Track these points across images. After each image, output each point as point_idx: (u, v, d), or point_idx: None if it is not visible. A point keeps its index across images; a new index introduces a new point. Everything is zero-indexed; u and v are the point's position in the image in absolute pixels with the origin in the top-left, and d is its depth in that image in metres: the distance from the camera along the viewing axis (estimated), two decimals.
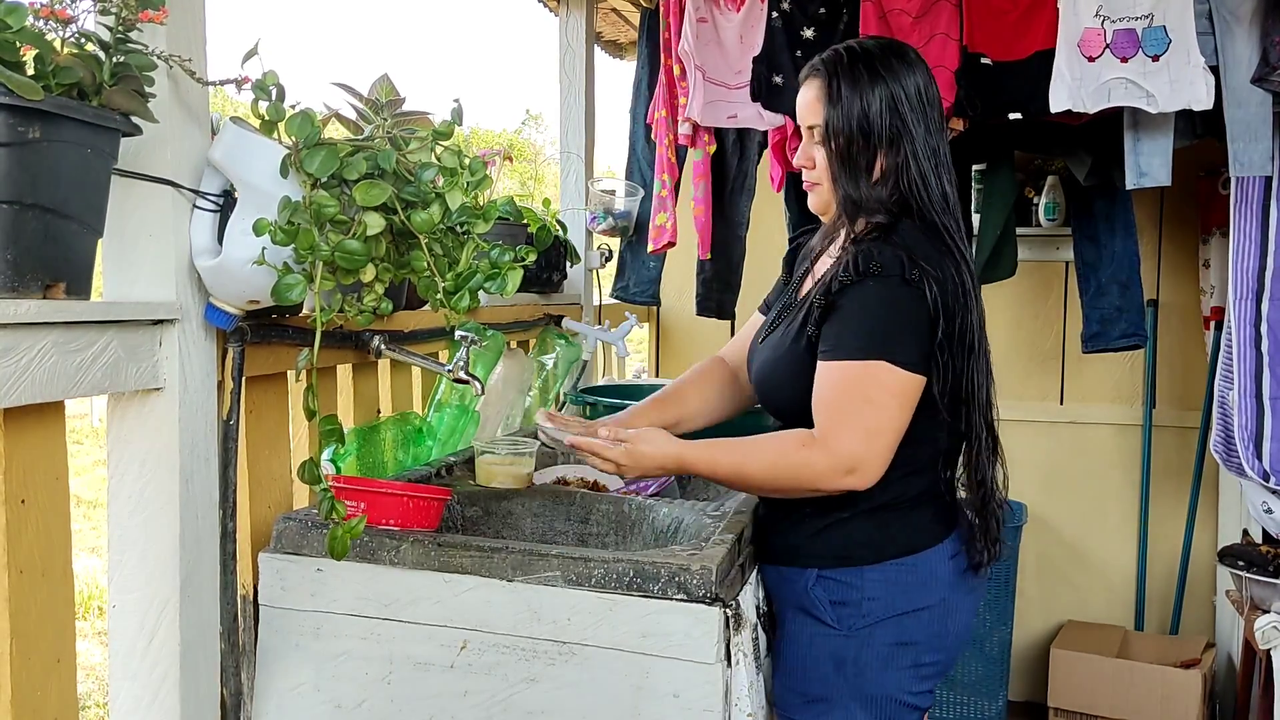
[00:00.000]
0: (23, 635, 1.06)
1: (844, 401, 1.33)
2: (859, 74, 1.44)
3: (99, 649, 3.87)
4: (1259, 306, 2.24)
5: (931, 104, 1.45)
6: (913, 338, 1.33)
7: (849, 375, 1.33)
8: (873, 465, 1.31)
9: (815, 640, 1.43)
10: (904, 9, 2.34)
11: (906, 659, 1.42)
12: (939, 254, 1.37)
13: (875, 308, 1.34)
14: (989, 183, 2.80)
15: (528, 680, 1.28)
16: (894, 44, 1.50)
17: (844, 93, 1.43)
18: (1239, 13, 2.12)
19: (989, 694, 3.01)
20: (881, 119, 1.42)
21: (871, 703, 1.42)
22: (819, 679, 1.43)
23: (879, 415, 1.32)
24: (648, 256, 2.94)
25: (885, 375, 1.32)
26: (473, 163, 1.29)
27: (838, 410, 1.33)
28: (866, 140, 1.43)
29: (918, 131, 1.43)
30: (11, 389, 0.98)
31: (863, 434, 1.31)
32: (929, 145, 1.43)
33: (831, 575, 1.42)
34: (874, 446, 1.31)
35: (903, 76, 1.44)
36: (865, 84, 1.43)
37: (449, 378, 1.66)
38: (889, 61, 1.44)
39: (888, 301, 1.34)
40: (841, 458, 1.30)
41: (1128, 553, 3.25)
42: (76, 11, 1.02)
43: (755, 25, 2.47)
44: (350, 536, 1.23)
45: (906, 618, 1.41)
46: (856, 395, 1.32)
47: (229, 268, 1.20)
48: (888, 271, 1.33)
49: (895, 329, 1.33)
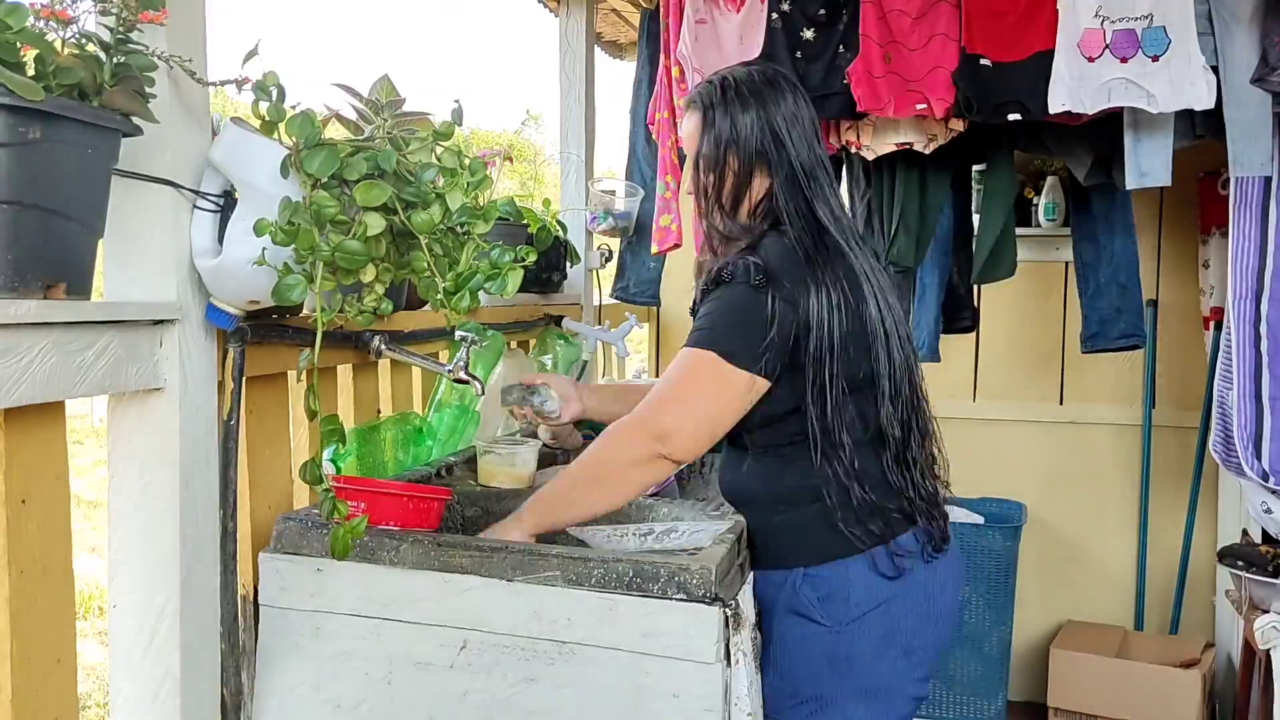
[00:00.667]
0: (23, 635, 1.06)
1: (668, 380, 1.44)
2: (730, 101, 1.52)
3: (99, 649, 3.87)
4: (1259, 307, 2.24)
5: (801, 124, 1.52)
6: (745, 337, 1.40)
7: (681, 361, 1.44)
8: (681, 437, 1.40)
9: (806, 640, 1.45)
10: (903, 9, 2.34)
11: (897, 646, 1.45)
12: (800, 266, 1.43)
13: (718, 308, 1.44)
14: (989, 183, 2.80)
15: (527, 680, 1.28)
16: (765, 72, 1.56)
17: (716, 121, 1.53)
18: (1239, 13, 2.12)
19: (988, 694, 3.02)
20: (751, 143, 1.51)
21: (867, 696, 1.44)
22: (812, 679, 1.45)
23: (695, 397, 1.42)
24: (648, 257, 2.94)
25: (709, 364, 1.41)
26: (473, 163, 1.30)
27: (661, 389, 1.45)
28: (739, 163, 1.52)
29: (786, 153, 1.50)
30: (12, 389, 0.98)
31: (678, 407, 1.41)
32: (797, 166, 1.50)
33: (816, 571, 1.45)
34: (683, 422, 1.40)
35: (770, 101, 1.52)
36: (736, 110, 1.52)
37: (449, 378, 1.66)
38: (758, 88, 1.53)
39: (729, 303, 1.43)
40: (654, 426, 1.41)
41: (1127, 553, 3.25)
42: (77, 12, 1.02)
43: (755, 26, 2.47)
44: (352, 536, 1.23)
45: (892, 605, 1.45)
46: (680, 377, 1.43)
47: (229, 268, 1.20)
48: (736, 278, 1.42)
49: (730, 327, 1.42)
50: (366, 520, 1.27)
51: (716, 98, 1.53)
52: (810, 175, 1.50)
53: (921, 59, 2.34)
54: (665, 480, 1.81)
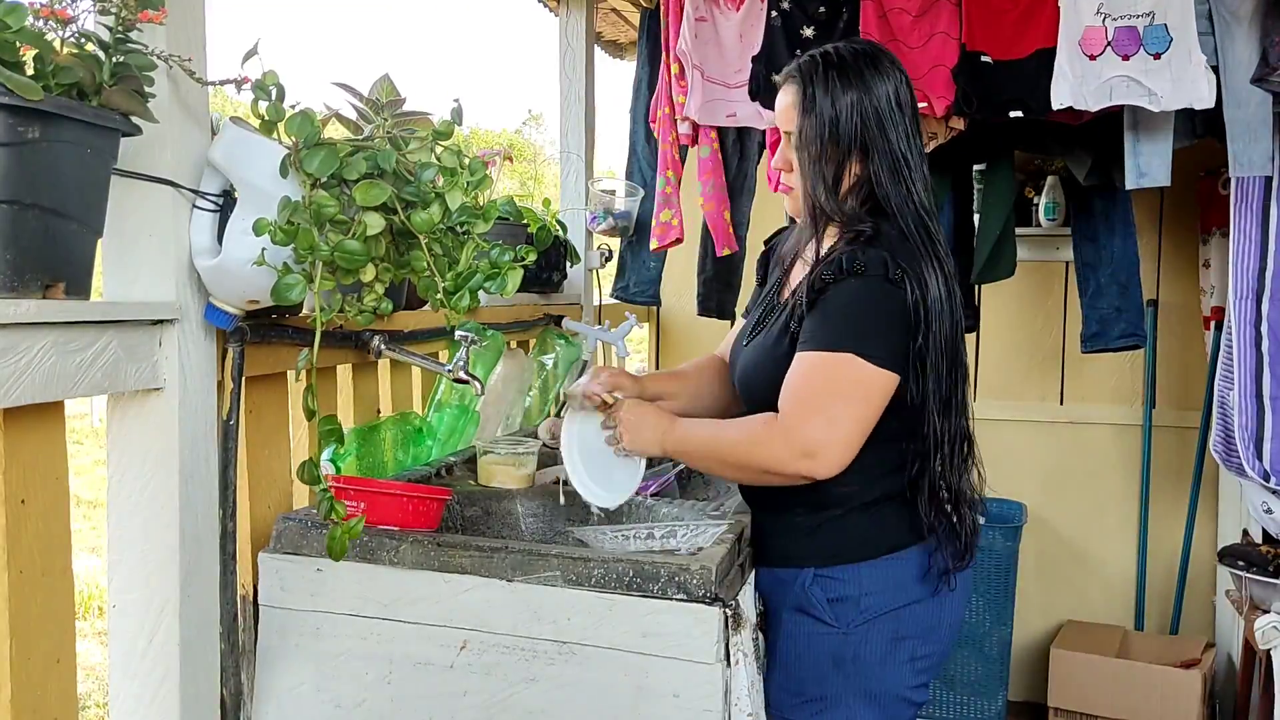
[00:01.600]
0: (23, 635, 1.06)
1: (809, 389, 1.35)
2: (831, 81, 1.45)
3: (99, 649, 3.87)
4: (1259, 306, 2.24)
5: (904, 111, 1.46)
6: (887, 335, 1.35)
7: (818, 364, 1.35)
8: (831, 453, 1.32)
9: (813, 640, 1.44)
10: (904, 8, 2.34)
11: (904, 653, 1.44)
12: (919, 259, 1.38)
13: (854, 303, 1.36)
14: (989, 183, 2.80)
15: (527, 680, 1.28)
16: (870, 50, 1.50)
17: (817, 100, 1.45)
18: (1239, 13, 2.12)
19: (989, 694, 3.01)
20: (852, 126, 1.44)
21: (872, 699, 1.44)
22: (817, 679, 1.44)
23: (842, 405, 1.33)
24: (648, 256, 2.94)
25: (853, 368, 1.33)
26: (473, 163, 1.29)
27: (802, 397, 1.35)
28: (836, 147, 1.45)
29: (888, 140, 1.44)
30: (11, 389, 0.98)
31: (824, 421, 1.33)
32: (898, 153, 1.44)
33: (828, 573, 1.43)
34: (833, 434, 1.32)
35: (874, 84, 1.45)
36: (837, 91, 1.44)
37: (449, 378, 1.66)
38: (861, 69, 1.45)
39: (867, 298, 1.36)
40: (800, 442, 1.32)
41: (1128, 553, 3.25)
42: (76, 11, 1.02)
43: (755, 24, 2.47)
44: (349, 537, 1.23)
45: (902, 611, 1.43)
46: (822, 384, 1.34)
47: (229, 268, 1.20)
48: (871, 271, 1.35)
49: (870, 325, 1.35)
50: (364, 520, 1.27)
51: (818, 74, 1.46)
52: (909, 163, 1.45)
53: (922, 57, 2.34)
54: (666, 480, 1.81)
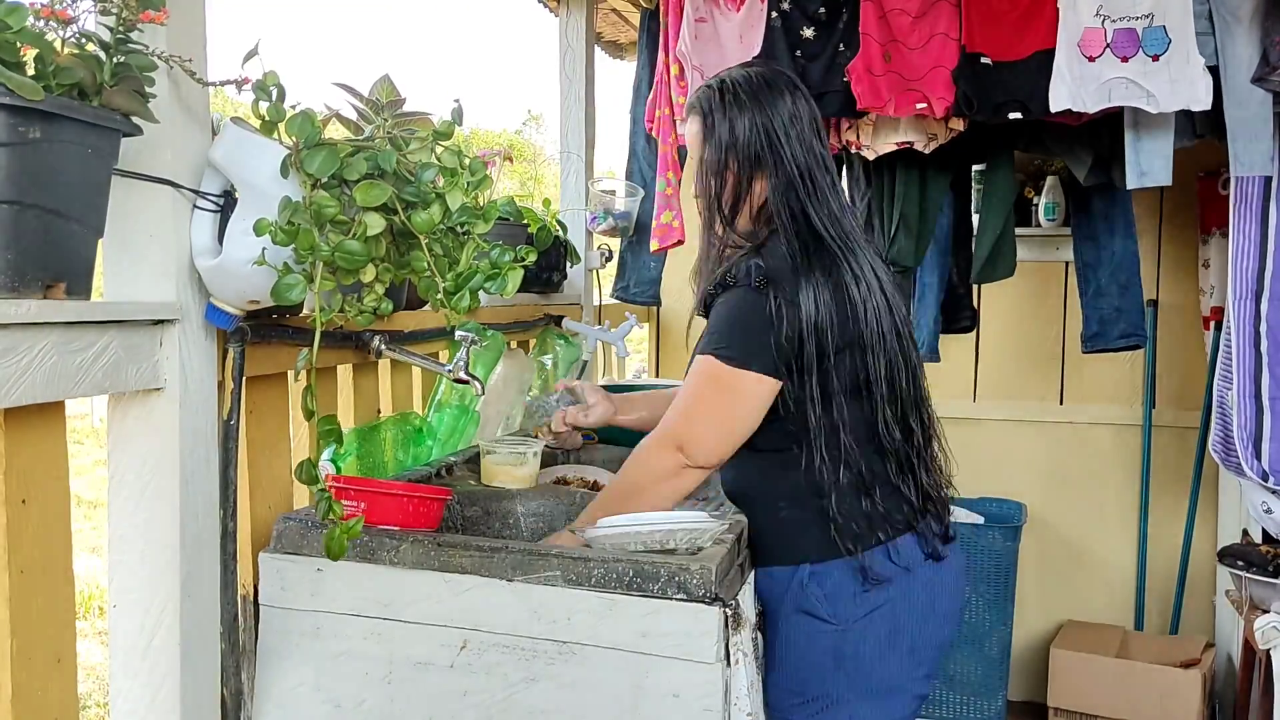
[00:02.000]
0: (23, 635, 1.06)
1: (684, 391, 1.49)
2: (728, 105, 1.53)
3: (99, 649, 3.87)
4: (1259, 306, 2.24)
5: (799, 125, 1.52)
6: (748, 339, 1.43)
7: (693, 369, 1.49)
8: (701, 445, 1.44)
9: (813, 638, 1.46)
10: (903, 9, 2.34)
11: (902, 644, 1.46)
12: (796, 270, 1.44)
13: (722, 312, 1.47)
14: (989, 183, 2.80)
15: (527, 680, 1.28)
16: (764, 73, 1.56)
17: (716, 125, 1.54)
18: (1239, 13, 2.12)
19: (989, 694, 3.01)
20: (749, 147, 1.51)
21: (873, 694, 1.45)
22: (818, 677, 1.45)
23: (708, 404, 1.46)
24: (648, 257, 2.94)
25: (714, 369, 1.45)
26: (473, 163, 1.30)
27: (679, 398, 1.50)
28: (738, 168, 1.52)
29: (782, 156, 1.50)
30: (12, 389, 0.98)
31: (686, 417, 1.47)
32: (795, 170, 1.50)
33: (823, 569, 1.45)
34: (701, 430, 1.45)
35: (770, 103, 1.52)
36: (734, 114, 1.52)
37: (449, 378, 1.66)
38: (755, 91, 1.53)
39: (732, 306, 1.46)
40: (670, 437, 1.46)
41: (1128, 553, 3.25)
42: (77, 12, 1.02)
43: (755, 25, 2.47)
44: (348, 537, 1.23)
45: (897, 603, 1.46)
46: (693, 386, 1.48)
47: (229, 268, 1.20)
48: (739, 281, 1.45)
49: (734, 330, 1.45)
50: (363, 521, 1.27)
51: (715, 102, 1.54)
52: (807, 177, 1.50)
53: (921, 58, 2.34)
54: None
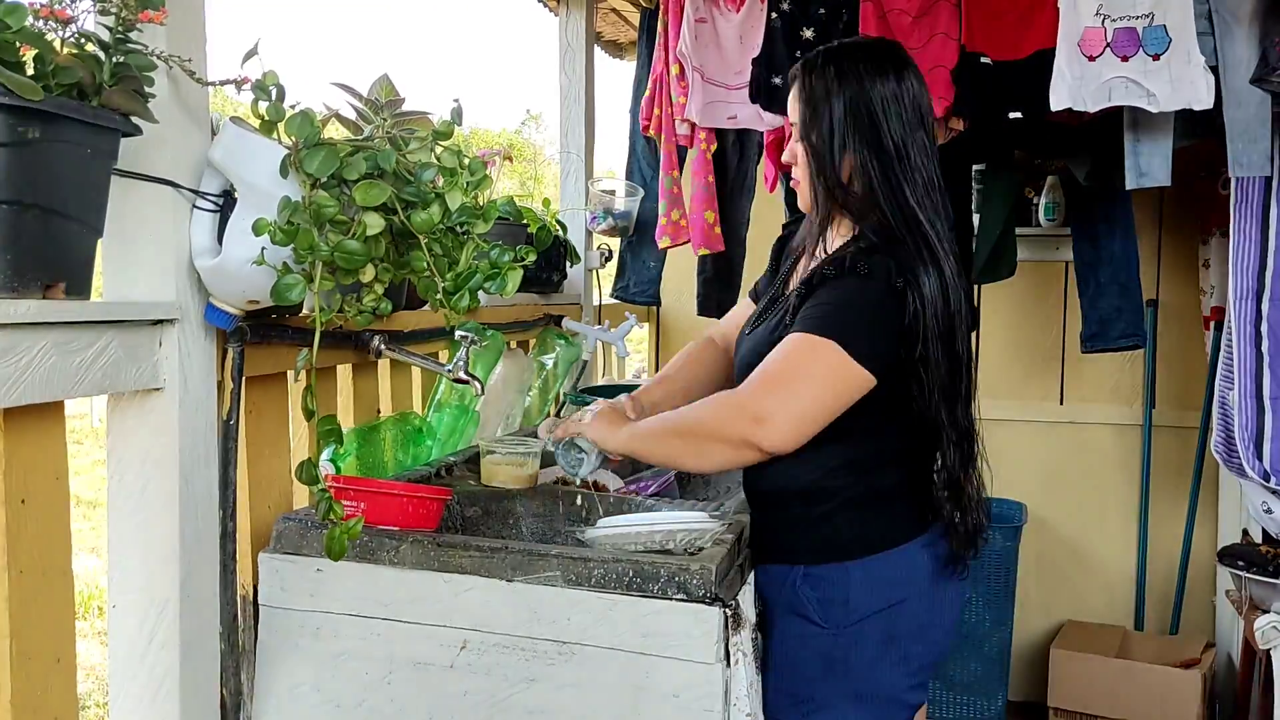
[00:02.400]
0: (23, 635, 1.06)
1: (779, 364, 1.36)
2: (830, 75, 1.45)
3: (99, 649, 3.87)
4: (1259, 306, 2.24)
5: (903, 106, 1.44)
6: (873, 336, 1.35)
7: (795, 345, 1.35)
8: (781, 423, 1.31)
9: (805, 640, 1.44)
10: (904, 9, 2.34)
11: (895, 653, 1.43)
12: (923, 267, 1.37)
13: (850, 299, 1.37)
14: (989, 183, 2.80)
15: (527, 680, 1.28)
16: (878, 45, 1.49)
17: (815, 92, 1.45)
18: (1238, 13, 2.12)
19: (989, 694, 3.01)
20: (846, 120, 1.43)
21: (863, 701, 1.43)
22: (807, 680, 1.44)
23: (803, 384, 1.33)
24: (648, 256, 2.94)
25: (827, 352, 1.33)
26: (472, 163, 1.30)
27: (771, 371, 1.36)
28: (833, 139, 1.44)
29: (880, 135, 1.42)
30: (11, 389, 0.98)
31: (784, 394, 1.33)
32: (892, 150, 1.42)
33: (817, 571, 1.43)
34: (789, 407, 1.32)
35: (873, 79, 1.43)
36: (834, 85, 1.44)
37: (449, 378, 1.66)
38: (861, 63, 1.45)
39: (863, 297, 1.36)
40: (753, 407, 1.32)
41: (1128, 553, 3.25)
42: (76, 12, 1.02)
43: (755, 26, 2.47)
44: (348, 537, 1.23)
45: (892, 611, 1.42)
46: (791, 361, 1.35)
47: (229, 268, 1.20)
48: (875, 274, 1.36)
49: (859, 321, 1.35)
50: (362, 521, 1.27)
51: (818, 68, 1.46)
52: (903, 158, 1.42)
53: (921, 58, 2.34)
54: (666, 480, 1.81)
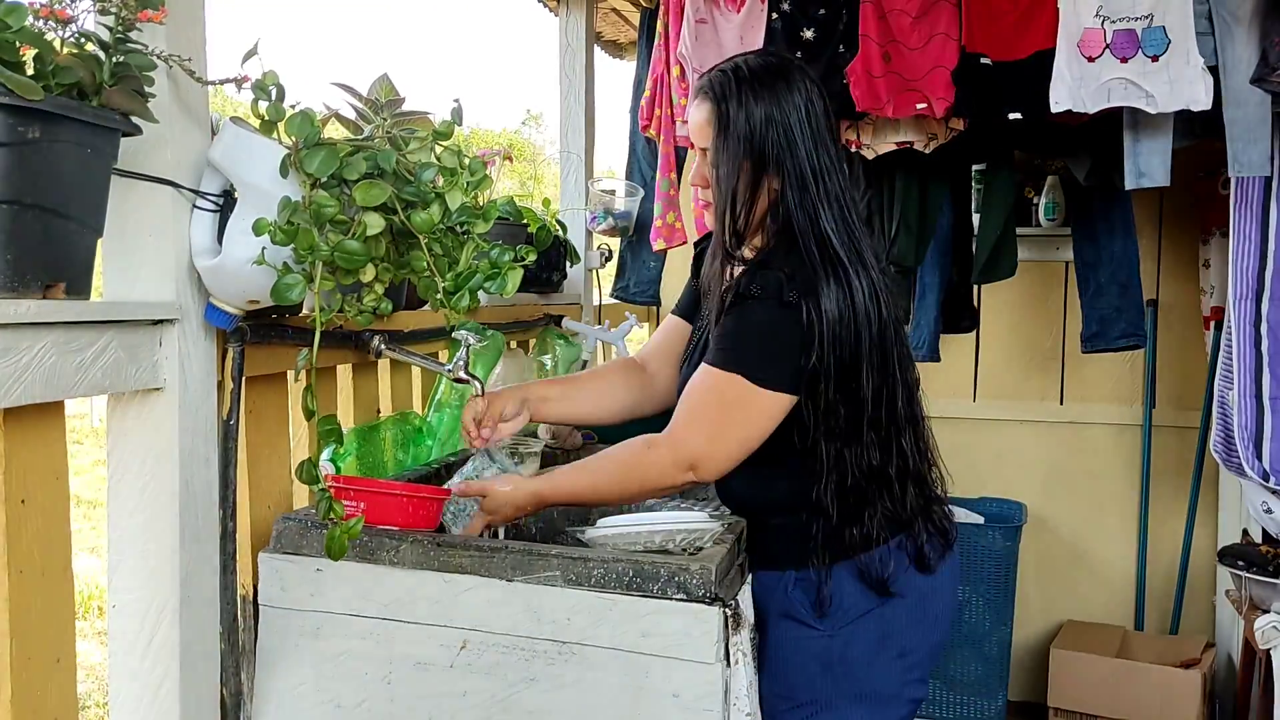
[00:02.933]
0: (23, 635, 1.06)
1: (698, 405, 1.40)
2: (745, 95, 1.43)
3: (99, 649, 3.87)
4: (1259, 306, 2.24)
5: (814, 122, 1.44)
6: (777, 357, 1.36)
7: (708, 382, 1.39)
8: (711, 465, 1.39)
9: (800, 643, 1.44)
10: (904, 9, 2.34)
11: (891, 650, 1.44)
12: (820, 278, 1.37)
13: (748, 325, 1.39)
14: (989, 183, 2.80)
15: (527, 680, 1.28)
16: (778, 62, 1.49)
17: (730, 115, 1.44)
18: (1238, 13, 2.12)
19: (988, 694, 3.01)
20: (765, 142, 1.43)
21: (863, 699, 1.44)
22: (806, 682, 1.44)
23: (724, 423, 1.38)
24: (648, 256, 2.94)
25: (739, 388, 1.37)
26: (472, 163, 1.30)
27: (691, 412, 1.40)
28: (752, 164, 1.43)
29: (797, 155, 1.43)
30: (11, 389, 0.98)
31: (705, 437, 1.38)
32: (808, 169, 1.42)
33: (806, 576, 1.44)
34: (714, 449, 1.38)
35: (785, 97, 1.43)
36: (751, 105, 1.43)
37: (449, 377, 1.66)
38: (773, 82, 1.44)
39: (760, 321, 1.38)
40: (683, 455, 1.38)
41: (1128, 553, 3.25)
42: (76, 11, 1.02)
43: (755, 26, 2.47)
44: (348, 537, 1.23)
45: (884, 609, 1.43)
46: (709, 401, 1.39)
47: (229, 268, 1.20)
48: (766, 293, 1.37)
49: (760, 348, 1.37)
50: (363, 521, 1.27)
51: (730, 88, 1.44)
52: (820, 178, 1.43)
53: (921, 58, 2.34)
54: None
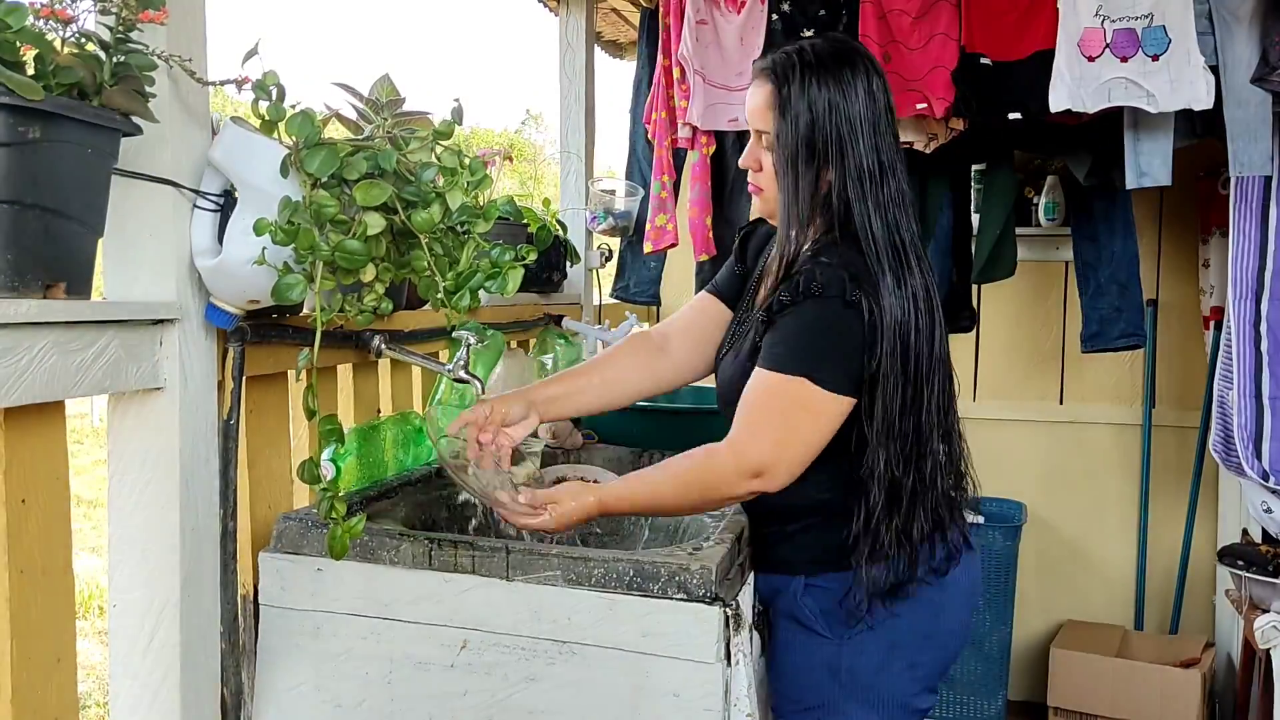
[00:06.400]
0: (23, 635, 1.06)
1: (760, 410, 1.35)
2: (808, 81, 1.39)
3: (99, 648, 3.87)
4: (1259, 306, 2.24)
5: (877, 115, 1.41)
6: (841, 359, 1.34)
7: (770, 386, 1.35)
8: (779, 472, 1.32)
9: (809, 649, 1.44)
10: (903, 9, 2.34)
11: (900, 661, 1.43)
12: (881, 277, 1.35)
13: (809, 326, 1.35)
14: (989, 183, 2.80)
15: (527, 680, 1.28)
16: (846, 48, 1.44)
17: (793, 101, 1.40)
18: (1239, 13, 2.12)
19: (989, 694, 3.02)
20: (826, 132, 1.39)
21: (871, 706, 1.43)
22: (814, 687, 1.44)
23: (790, 428, 1.33)
24: (648, 256, 2.94)
25: (804, 392, 1.33)
26: (473, 162, 1.30)
27: (753, 418, 1.35)
28: (811, 152, 1.40)
29: (859, 149, 1.39)
30: (12, 389, 0.98)
31: (771, 443, 1.32)
32: (867, 164, 1.39)
33: (817, 582, 1.43)
34: (781, 455, 1.32)
35: (850, 86, 1.40)
36: (814, 92, 1.39)
37: (449, 377, 1.66)
38: (839, 69, 1.40)
39: (822, 322, 1.34)
40: (748, 462, 1.32)
41: (1127, 552, 3.25)
42: (77, 11, 1.02)
43: (755, 27, 2.47)
44: (349, 536, 1.23)
45: (895, 620, 1.41)
46: (773, 406, 1.34)
47: (229, 267, 1.20)
48: (828, 293, 1.33)
49: (824, 349, 1.34)
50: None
51: (795, 73, 1.40)
52: (881, 172, 1.40)
53: (921, 58, 2.34)
54: None
